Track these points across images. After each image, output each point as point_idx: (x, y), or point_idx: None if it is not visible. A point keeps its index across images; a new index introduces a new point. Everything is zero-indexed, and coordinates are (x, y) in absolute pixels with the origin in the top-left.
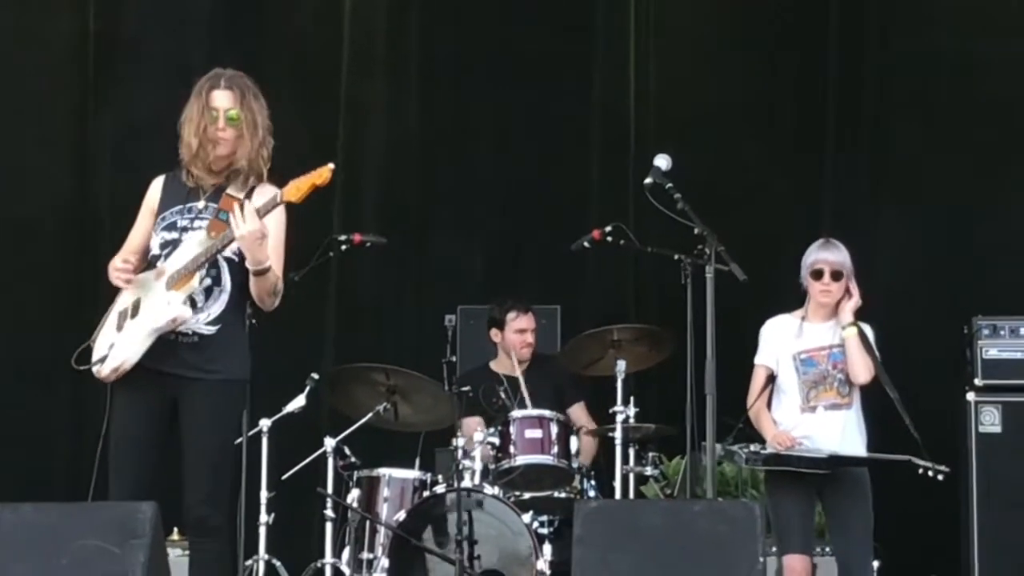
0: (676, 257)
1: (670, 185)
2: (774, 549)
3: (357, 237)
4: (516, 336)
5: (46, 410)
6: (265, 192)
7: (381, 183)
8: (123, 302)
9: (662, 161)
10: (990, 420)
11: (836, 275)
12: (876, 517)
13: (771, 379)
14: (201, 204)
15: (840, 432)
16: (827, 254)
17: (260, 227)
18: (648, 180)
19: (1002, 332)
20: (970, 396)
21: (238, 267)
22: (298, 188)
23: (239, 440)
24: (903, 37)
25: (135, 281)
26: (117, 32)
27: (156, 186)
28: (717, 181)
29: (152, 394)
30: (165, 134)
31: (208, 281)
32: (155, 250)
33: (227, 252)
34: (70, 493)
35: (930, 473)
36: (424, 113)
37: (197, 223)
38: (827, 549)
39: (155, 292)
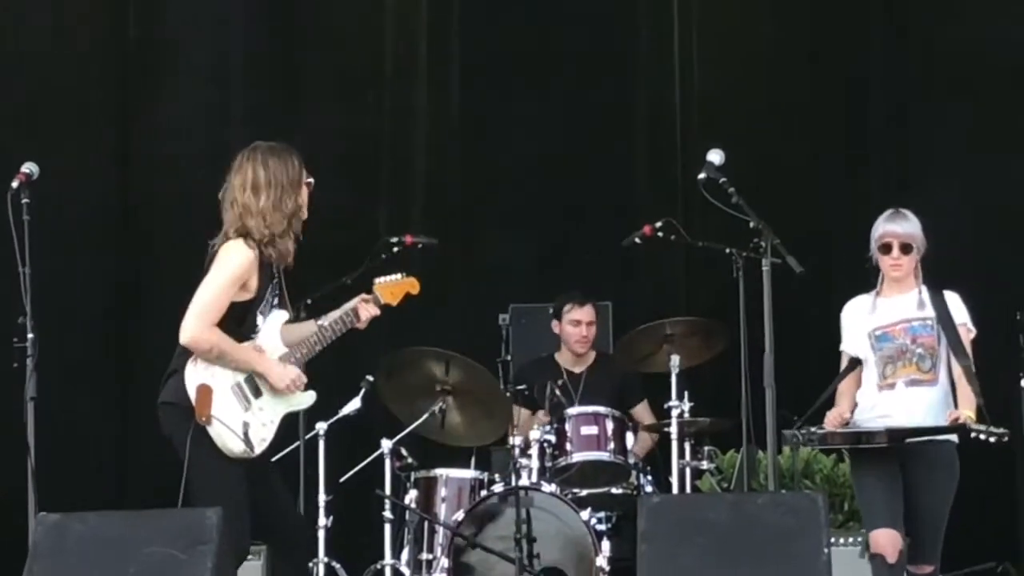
0: (727, 251)
1: (724, 179)
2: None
3: (409, 239)
4: (570, 328)
5: (93, 413)
6: None
7: (426, 184)
8: (228, 376)
9: (715, 156)
10: None
11: (905, 248)
12: None
13: (856, 363)
14: (274, 281)
15: (923, 410)
16: (895, 226)
17: None
18: (702, 175)
19: None
20: None
21: None
22: (393, 293)
23: (296, 444)
24: (943, 28)
25: None
26: (156, 35)
27: (252, 261)
28: (760, 176)
29: None
30: (204, 134)
31: None
32: (260, 328)
33: None
34: (118, 497)
35: (982, 436)
36: (468, 113)
37: (275, 300)
38: None
39: None
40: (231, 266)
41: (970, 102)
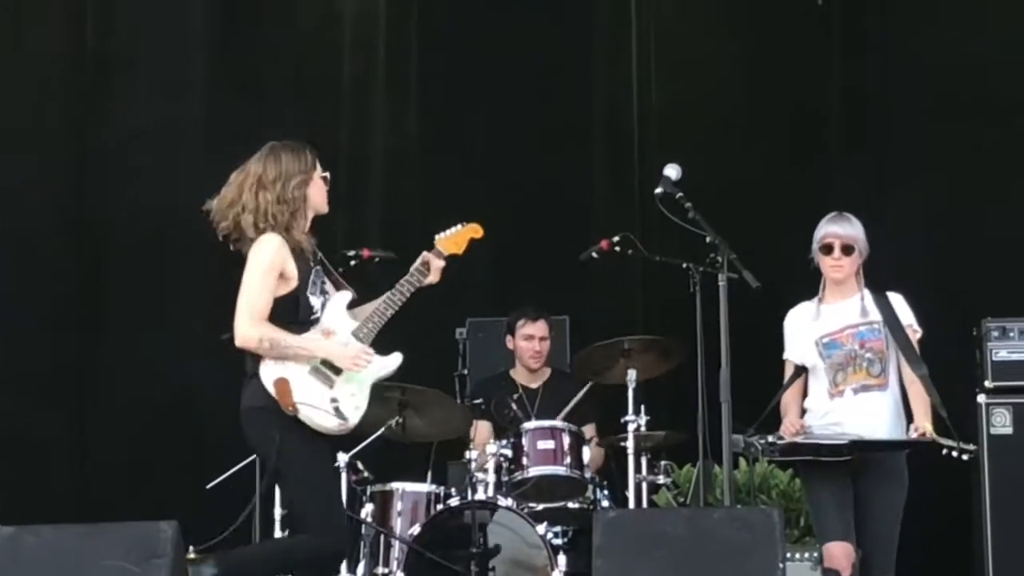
0: (684, 266)
1: (681, 194)
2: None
3: (366, 252)
4: (524, 343)
5: (50, 425)
6: None
7: (384, 195)
8: (304, 362)
9: (672, 171)
10: (1001, 422)
11: (847, 249)
12: None
13: (801, 371)
14: (316, 265)
15: (874, 416)
16: (837, 227)
17: None
18: (659, 190)
19: (1011, 334)
20: (981, 398)
21: None
22: (456, 243)
23: (252, 457)
24: (905, 39)
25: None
26: (114, 48)
27: (280, 247)
28: (717, 189)
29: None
30: (163, 146)
31: None
32: (317, 310)
33: None
34: (77, 508)
35: (954, 454)
36: (425, 125)
37: (325, 283)
38: None
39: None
40: (261, 258)
41: (929, 113)
